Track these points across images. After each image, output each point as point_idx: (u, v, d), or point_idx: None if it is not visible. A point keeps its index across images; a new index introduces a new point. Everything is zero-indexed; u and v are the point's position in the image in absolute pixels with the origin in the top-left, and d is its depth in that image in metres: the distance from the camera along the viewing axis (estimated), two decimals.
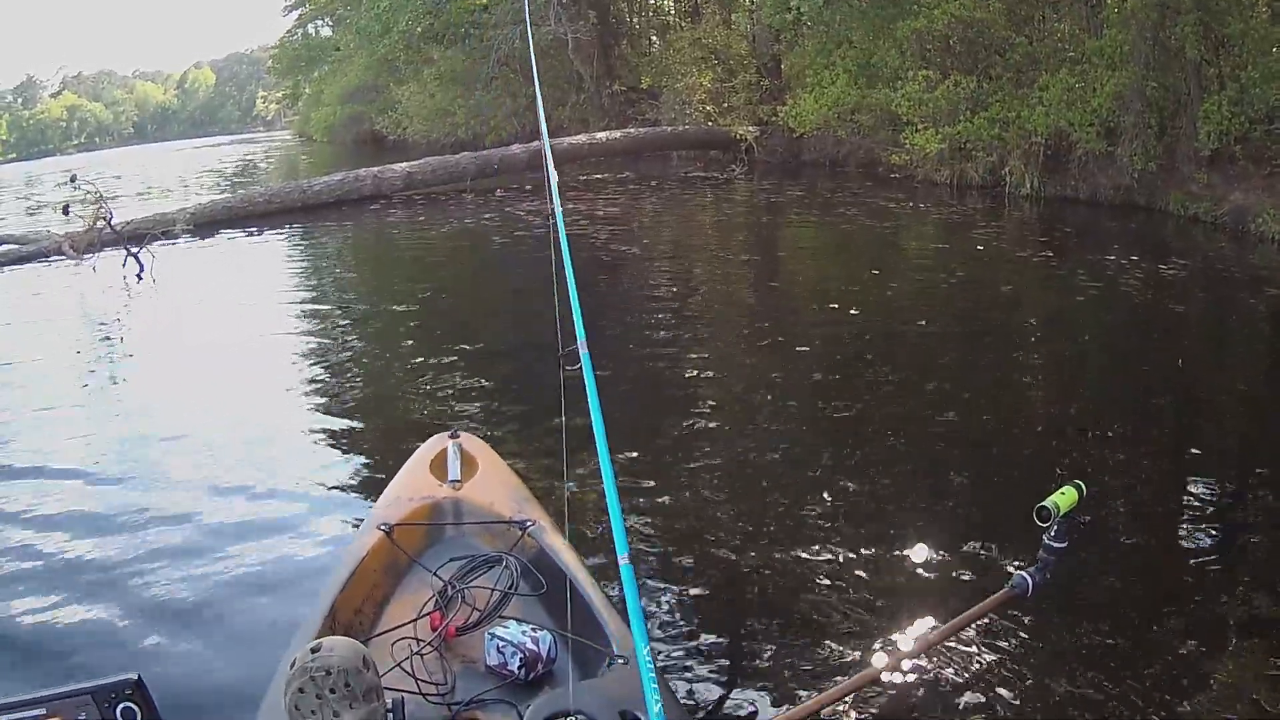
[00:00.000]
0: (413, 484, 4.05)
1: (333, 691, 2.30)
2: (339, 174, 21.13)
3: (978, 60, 18.70)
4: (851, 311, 9.90)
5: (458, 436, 4.30)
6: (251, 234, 17.39)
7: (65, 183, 17.09)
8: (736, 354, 9.04)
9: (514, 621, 3.16)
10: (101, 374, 9.70)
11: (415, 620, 3.22)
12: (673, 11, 33.57)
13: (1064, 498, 3.62)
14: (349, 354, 9.82)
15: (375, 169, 21.23)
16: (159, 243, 14.73)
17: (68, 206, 16.09)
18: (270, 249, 16.55)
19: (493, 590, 3.33)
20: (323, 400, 8.23)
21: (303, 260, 15.81)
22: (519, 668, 3.03)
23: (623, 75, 31.20)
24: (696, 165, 23.94)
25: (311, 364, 9.45)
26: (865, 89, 20.63)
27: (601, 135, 24.00)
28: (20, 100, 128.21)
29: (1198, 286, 11.16)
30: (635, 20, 34.96)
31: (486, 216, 17.89)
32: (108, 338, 11.33)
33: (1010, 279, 11.95)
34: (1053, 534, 3.70)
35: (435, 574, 3.45)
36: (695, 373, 8.29)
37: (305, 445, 7.14)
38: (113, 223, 15.08)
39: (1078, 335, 9.41)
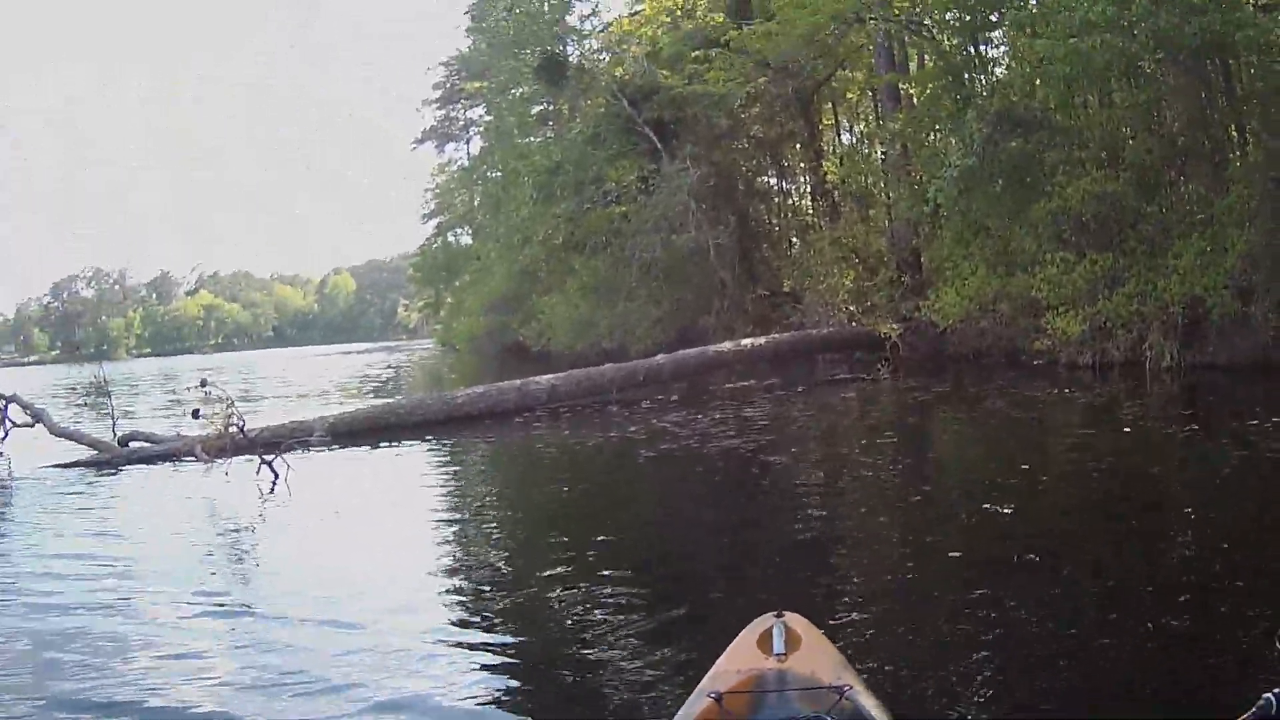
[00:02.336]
0: (740, 658, 4.31)
1: None
2: (482, 386, 21.05)
3: (1112, 236, 18.70)
4: (1004, 510, 9.60)
5: (783, 615, 4.53)
6: (392, 445, 17.19)
7: (196, 386, 17.15)
8: (888, 566, 8.62)
9: None
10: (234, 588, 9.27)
11: None
12: (811, 212, 33.73)
13: None
14: (492, 572, 9.46)
15: (519, 381, 21.12)
16: (295, 452, 14.51)
17: (198, 411, 16.07)
18: (411, 461, 16.38)
19: None
20: (465, 615, 7.88)
21: (446, 474, 15.61)
22: None
23: (765, 279, 31.49)
24: (842, 367, 23.74)
25: (455, 578, 9.21)
26: (1005, 276, 20.80)
27: (747, 342, 24.02)
28: (155, 295, 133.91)
29: None
30: (775, 222, 35.44)
31: (633, 430, 17.53)
32: (239, 548, 10.96)
33: (1158, 459, 11.78)
34: None
35: None
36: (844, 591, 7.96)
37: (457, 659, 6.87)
38: (245, 429, 14.94)
39: (1230, 506, 9.23)
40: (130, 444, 17.15)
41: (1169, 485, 10.60)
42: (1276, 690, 3.65)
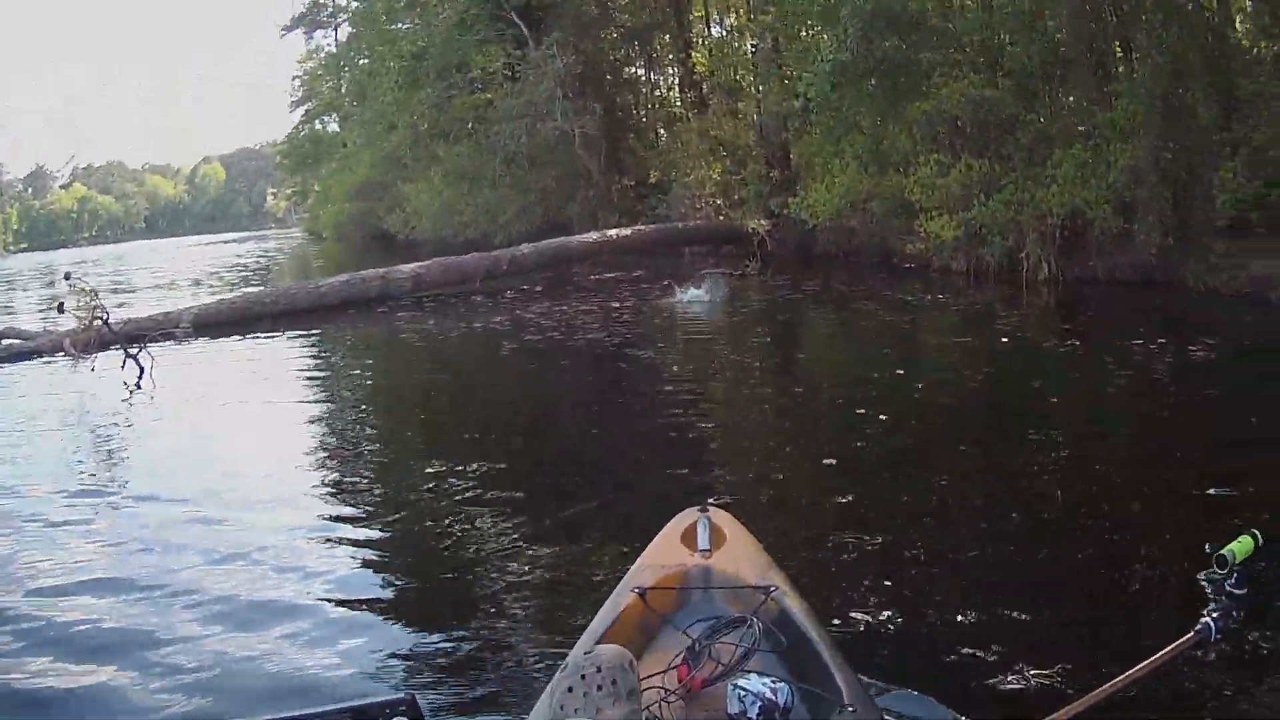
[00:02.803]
0: (664, 553, 4.30)
1: (599, 688, 2.49)
2: (345, 275, 20.82)
3: (989, 141, 18.45)
4: (880, 417, 9.44)
5: (706, 510, 4.51)
6: (258, 337, 17.03)
7: (60, 279, 16.79)
8: (758, 470, 8.56)
9: (755, 675, 3.32)
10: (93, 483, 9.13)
11: (664, 673, 3.41)
12: (679, 104, 33.59)
13: (1240, 546, 3.48)
14: (364, 465, 9.40)
15: (382, 270, 20.95)
16: (161, 344, 14.36)
17: (62, 304, 15.80)
18: (277, 352, 16.16)
19: (736, 647, 3.49)
20: (339, 510, 7.86)
21: (312, 365, 15.42)
22: (757, 715, 3.17)
23: (631, 170, 31.31)
24: (709, 261, 23.20)
25: (326, 471, 9.12)
26: (876, 176, 20.57)
27: (613, 233, 23.92)
28: (30, 190, 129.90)
29: (1227, 364, 10.85)
30: (642, 114, 35.08)
31: (497, 320, 17.57)
32: (103, 444, 10.85)
33: (1037, 373, 11.51)
34: (1232, 581, 3.56)
35: (684, 632, 3.67)
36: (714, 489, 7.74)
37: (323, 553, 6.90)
38: (109, 321, 14.73)
39: (1112, 430, 9.18)
40: (1, 341, 16.88)
41: (1049, 397, 10.40)
42: (1214, 614, 3.57)
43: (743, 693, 3.22)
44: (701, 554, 4.20)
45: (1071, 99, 18.59)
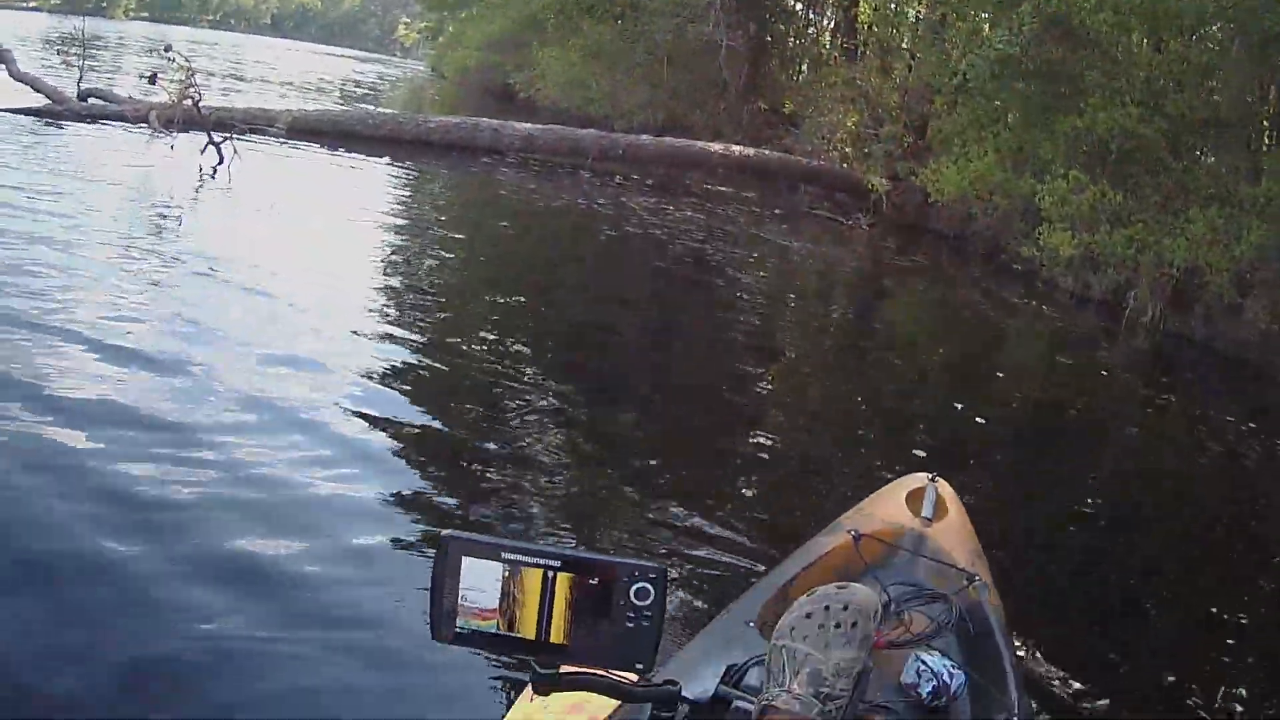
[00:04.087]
0: (887, 508, 4.30)
1: (838, 626, 2.27)
2: (458, 118, 20.56)
3: (1130, 175, 18.14)
4: (978, 420, 9.41)
5: (936, 480, 4.48)
6: (351, 154, 16.80)
7: (160, 50, 16.53)
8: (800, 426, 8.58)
9: (938, 653, 3.27)
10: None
11: None
12: (828, 46, 32.86)
13: None
14: (426, 310, 9.51)
15: (497, 122, 20.74)
16: (250, 140, 14.16)
17: (155, 75, 15.58)
18: (365, 174, 16.02)
19: (930, 621, 3.47)
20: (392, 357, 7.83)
21: (398, 194, 15.29)
22: (928, 694, 3.13)
23: (768, 95, 30.63)
24: (823, 204, 23.20)
25: (384, 305, 9.27)
26: (1011, 174, 20.11)
27: (737, 149, 23.49)
28: None
29: None
30: (792, 43, 34.38)
31: (600, 203, 17.25)
32: (159, 219, 10.77)
33: (1139, 421, 11.38)
34: None
35: (884, 589, 3.58)
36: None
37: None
38: (200, 104, 14.51)
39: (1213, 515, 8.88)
40: (88, 99, 16.72)
41: (1144, 451, 10.28)
42: None
43: (922, 666, 3.19)
44: (924, 520, 4.19)
45: (1213, 159, 18.33)
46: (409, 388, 7.13)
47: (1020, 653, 4.53)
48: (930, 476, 4.51)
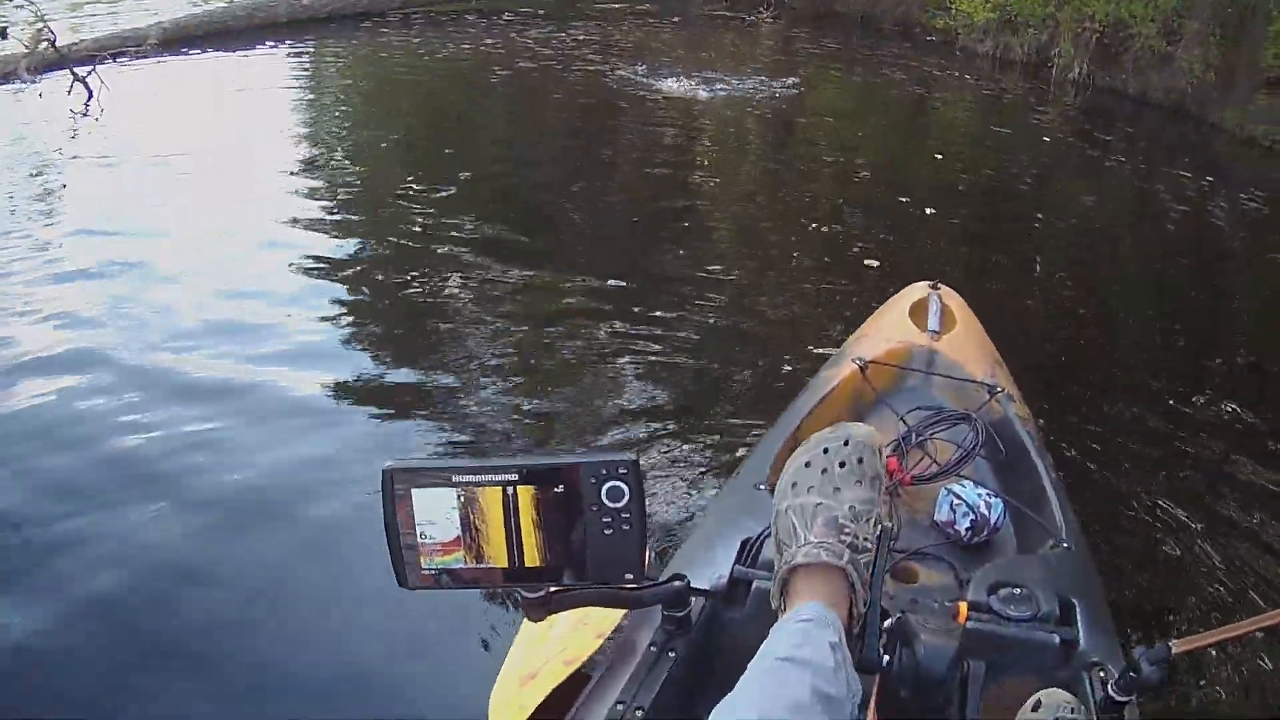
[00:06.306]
0: (889, 326, 4.04)
1: (843, 465, 1.98)
2: None
3: None
4: (928, 212, 9.06)
5: (939, 288, 4.23)
6: (229, 51, 15.81)
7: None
8: (754, 247, 8.30)
9: (970, 482, 3.05)
10: None
11: None
12: None
13: None
14: (342, 205, 8.82)
15: None
16: (120, 64, 13.24)
17: (5, 30, 14.49)
18: (247, 69, 15.08)
19: (957, 447, 3.22)
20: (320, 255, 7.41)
21: (285, 83, 14.43)
22: (966, 529, 2.93)
23: None
24: (722, 3, 22.15)
25: (297, 206, 8.54)
26: None
27: None
28: None
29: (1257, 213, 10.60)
30: None
31: (489, 43, 16.50)
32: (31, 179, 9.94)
33: (1094, 186, 11.14)
34: None
35: (901, 418, 3.40)
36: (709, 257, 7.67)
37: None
38: (55, 42, 13.55)
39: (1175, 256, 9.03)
40: None
41: (1105, 215, 10.10)
42: None
43: (955, 499, 2.98)
44: (931, 335, 3.93)
45: None
46: (337, 282, 6.81)
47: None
48: (931, 284, 4.25)
